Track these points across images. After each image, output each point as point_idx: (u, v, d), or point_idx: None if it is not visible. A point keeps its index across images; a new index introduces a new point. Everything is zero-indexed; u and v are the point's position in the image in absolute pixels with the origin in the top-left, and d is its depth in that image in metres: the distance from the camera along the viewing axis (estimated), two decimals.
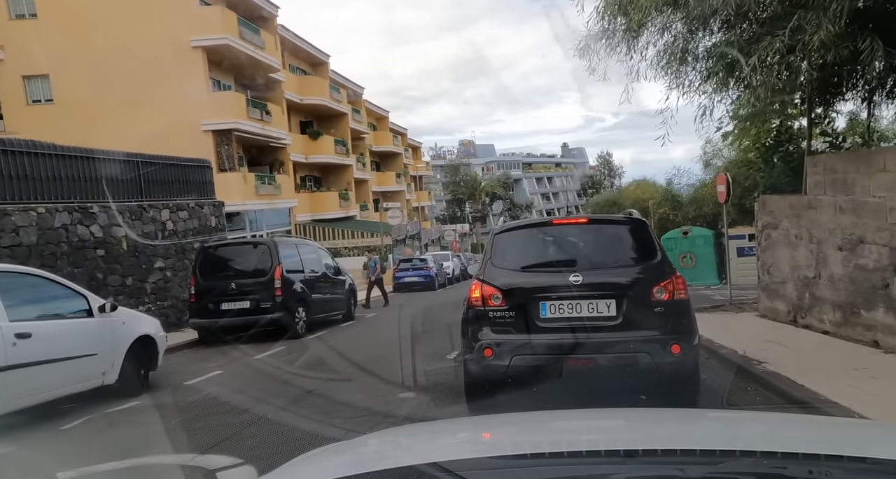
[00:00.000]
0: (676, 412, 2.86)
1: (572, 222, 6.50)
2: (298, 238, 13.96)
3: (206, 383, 7.77)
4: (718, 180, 13.91)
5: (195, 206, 14.80)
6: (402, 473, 1.44)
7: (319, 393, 6.92)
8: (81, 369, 6.33)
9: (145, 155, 13.34)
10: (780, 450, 1.45)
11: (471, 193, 69.67)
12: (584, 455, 1.55)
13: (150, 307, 12.76)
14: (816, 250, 8.76)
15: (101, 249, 11.48)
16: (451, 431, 2.23)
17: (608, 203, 42.80)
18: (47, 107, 24.82)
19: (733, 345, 7.85)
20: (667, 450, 1.53)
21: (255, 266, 11.57)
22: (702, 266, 21.50)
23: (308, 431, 5.25)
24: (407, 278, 26.48)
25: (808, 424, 2.32)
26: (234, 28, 26.12)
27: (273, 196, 29.45)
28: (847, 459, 1.40)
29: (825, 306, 8.52)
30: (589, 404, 4.95)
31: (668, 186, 25.59)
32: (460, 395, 5.84)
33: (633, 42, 9.32)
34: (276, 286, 11.24)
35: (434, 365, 8.10)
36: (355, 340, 11.72)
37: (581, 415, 2.60)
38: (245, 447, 4.94)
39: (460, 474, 1.35)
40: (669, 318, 5.21)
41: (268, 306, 11.20)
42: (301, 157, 36.05)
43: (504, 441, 1.96)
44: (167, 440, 5.07)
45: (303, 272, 12.35)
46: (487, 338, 5.31)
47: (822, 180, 8.55)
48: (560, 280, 5.28)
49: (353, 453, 1.93)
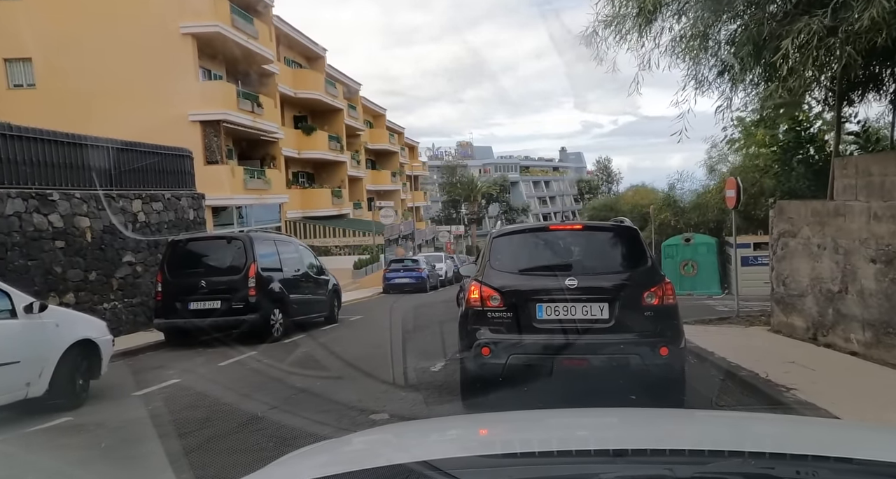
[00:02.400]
0: (666, 412, 2.84)
1: (568, 228, 6.66)
2: (278, 234, 13.06)
3: (158, 394, 6.86)
4: (727, 185, 13.08)
5: (172, 197, 13.88)
6: (392, 471, 1.43)
7: (283, 410, 6.05)
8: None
9: (116, 140, 12.42)
10: (768, 450, 1.46)
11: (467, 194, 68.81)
12: (573, 455, 1.54)
13: (116, 305, 11.86)
14: (843, 262, 7.91)
15: (60, 240, 10.55)
16: (440, 429, 2.20)
17: (606, 208, 42.00)
18: (29, 92, 23.87)
19: (752, 366, 7.00)
20: (656, 450, 1.54)
21: (228, 263, 10.67)
22: (704, 275, 20.67)
23: (261, 459, 4.36)
24: (397, 279, 25.62)
25: (796, 424, 2.35)
26: (227, 16, 25.21)
27: (262, 191, 28.52)
28: (834, 460, 1.40)
29: (853, 325, 7.67)
30: (580, 403, 5.00)
31: (669, 190, 24.72)
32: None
33: (646, 28, 8.48)
34: (251, 285, 10.35)
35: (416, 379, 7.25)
36: (334, 345, 10.83)
37: (572, 414, 2.60)
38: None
39: (450, 472, 1.33)
40: (658, 321, 5.42)
41: (240, 307, 10.30)
42: (294, 152, 35.12)
43: (494, 440, 1.94)
44: (81, 475, 4.17)
45: (281, 271, 11.45)
46: (485, 337, 5.45)
47: (853, 184, 7.71)
48: (556, 283, 5.45)
49: (342, 451, 1.91)
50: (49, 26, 22.42)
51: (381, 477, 1.40)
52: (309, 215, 36.26)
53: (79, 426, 5.56)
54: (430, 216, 73.44)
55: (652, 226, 23.73)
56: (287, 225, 34.69)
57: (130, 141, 12.89)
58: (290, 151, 34.59)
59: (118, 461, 4.46)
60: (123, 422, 5.64)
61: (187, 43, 24.18)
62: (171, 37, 23.84)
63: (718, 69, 7.76)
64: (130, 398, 6.67)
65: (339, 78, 41.84)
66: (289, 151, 34.17)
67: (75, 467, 4.39)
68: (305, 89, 35.52)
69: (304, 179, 39.00)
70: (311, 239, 35.42)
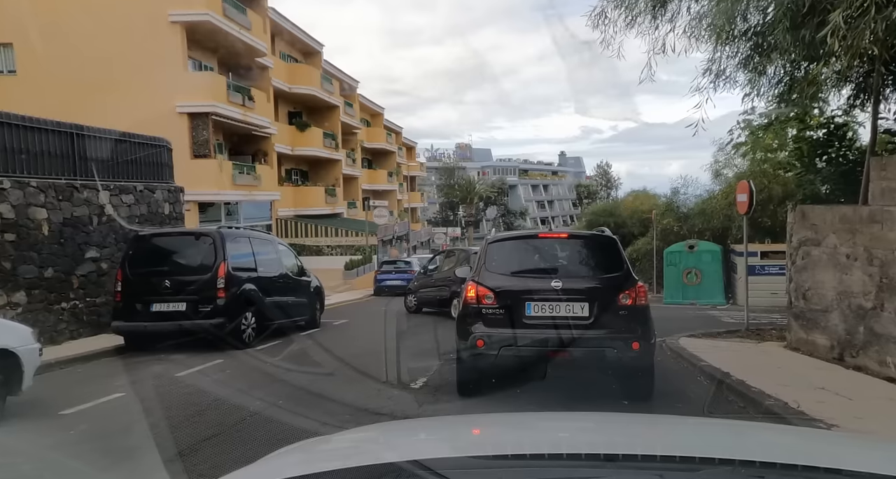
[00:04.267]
0: (658, 418, 2.85)
1: (555, 236, 7.47)
2: (255, 232, 12.13)
3: (90, 413, 5.92)
4: (739, 189, 12.18)
5: (145, 189, 12.94)
6: (381, 469, 1.42)
7: (230, 437, 5.14)
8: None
9: (82, 126, 11.48)
10: (758, 459, 1.45)
11: (464, 196, 67.94)
12: (564, 458, 1.54)
13: (76, 304, 10.91)
14: (879, 275, 7.02)
15: (11, 232, 9.60)
16: (431, 429, 2.18)
17: (605, 213, 40.96)
18: (9, 78, 22.91)
19: (777, 392, 6.09)
20: (647, 455, 1.54)
21: (196, 261, 9.72)
22: (707, 284, 19.74)
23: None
24: (389, 281, 24.68)
25: (788, 434, 2.35)
26: (218, 4, 24.28)
27: (252, 187, 27.55)
28: (824, 470, 1.40)
29: (889, 346, 6.78)
30: (572, 402, 5.48)
31: (673, 195, 23.77)
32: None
33: (661, 9, 7.60)
34: (219, 286, 9.43)
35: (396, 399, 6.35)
36: (311, 354, 9.92)
37: (564, 418, 2.61)
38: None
39: (440, 472, 1.33)
40: (632, 320, 6.04)
41: (207, 310, 9.37)
42: (287, 148, 34.19)
43: (485, 441, 1.93)
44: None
45: (256, 271, 10.53)
46: (480, 331, 6.03)
47: (893, 187, 6.82)
48: (543, 285, 6.12)
49: (330, 448, 1.90)
50: (32, 11, 21.47)
51: (371, 475, 1.40)
52: (301, 214, 35.30)
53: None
54: (428, 218, 72.58)
55: (654, 232, 22.80)
56: (278, 223, 33.75)
57: (98, 127, 11.95)
58: (284, 148, 33.66)
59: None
60: (26, 450, 4.68)
61: (176, 31, 23.26)
62: (159, 24, 22.91)
63: (745, 53, 6.87)
64: (54, 418, 5.70)
65: (336, 74, 40.92)
66: (282, 147, 33.24)
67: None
68: (300, 84, 34.58)
69: (298, 176, 38.06)
70: (303, 238, 34.47)
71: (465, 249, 17.86)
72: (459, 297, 8.18)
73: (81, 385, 7.14)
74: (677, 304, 19.35)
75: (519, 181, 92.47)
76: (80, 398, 6.40)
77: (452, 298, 13.08)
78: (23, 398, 5.82)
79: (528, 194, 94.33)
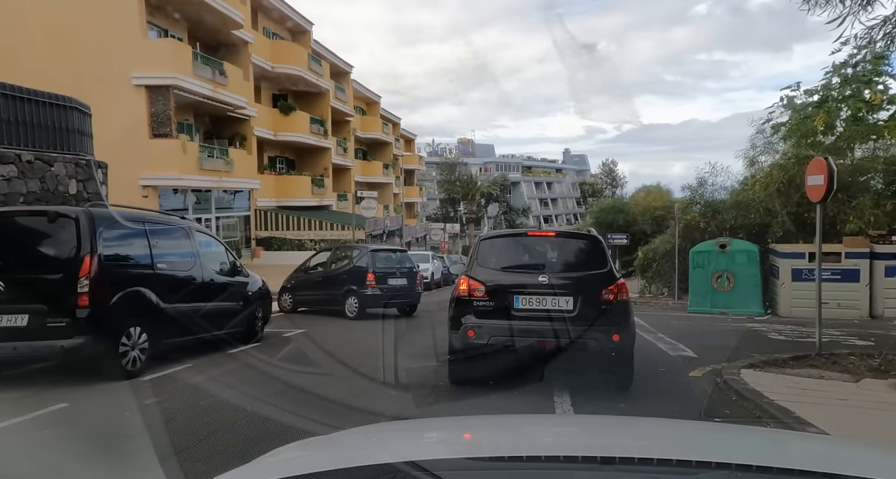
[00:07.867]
0: (655, 422, 2.77)
1: (543, 235, 8.26)
2: (160, 214, 9.12)
3: None
4: (812, 168, 9.17)
5: (36, 160, 9.98)
6: (378, 470, 1.41)
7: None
8: None
9: None
10: (755, 463, 1.44)
11: (465, 192, 64.82)
12: (561, 460, 1.54)
13: None
14: None
15: None
16: (428, 430, 2.18)
17: (614, 210, 38.00)
18: None
19: None
20: (643, 459, 1.53)
21: (47, 254, 6.74)
22: (742, 290, 16.62)
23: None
24: None
25: (785, 439, 2.36)
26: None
27: (223, 173, 24.54)
28: (820, 475, 1.39)
29: None
30: (569, 405, 5.78)
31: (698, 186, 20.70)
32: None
33: None
34: (81, 290, 6.43)
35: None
36: (226, 385, 6.92)
37: (560, 420, 2.75)
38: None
39: (437, 473, 1.33)
40: (613, 314, 6.42)
41: (61, 325, 6.37)
42: (269, 133, 31.25)
43: (482, 443, 1.92)
44: None
45: (152, 268, 7.54)
46: (471, 322, 6.44)
47: None
48: (531, 280, 6.55)
49: (326, 448, 1.88)
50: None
51: (367, 476, 1.40)
52: (284, 205, 32.32)
53: None
54: (427, 214, 69.63)
55: (676, 228, 19.76)
56: (257, 214, 30.79)
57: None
58: (266, 132, 30.71)
59: None
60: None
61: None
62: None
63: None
64: None
65: (327, 56, 37.89)
66: (263, 132, 30.28)
67: None
68: (284, 63, 31.57)
69: (283, 164, 35.12)
70: (285, 231, 31.47)
71: (361, 246, 16.15)
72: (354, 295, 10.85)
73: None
74: (705, 312, 16.30)
75: (522, 178, 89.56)
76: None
77: (347, 296, 13.56)
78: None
79: (532, 192, 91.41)
